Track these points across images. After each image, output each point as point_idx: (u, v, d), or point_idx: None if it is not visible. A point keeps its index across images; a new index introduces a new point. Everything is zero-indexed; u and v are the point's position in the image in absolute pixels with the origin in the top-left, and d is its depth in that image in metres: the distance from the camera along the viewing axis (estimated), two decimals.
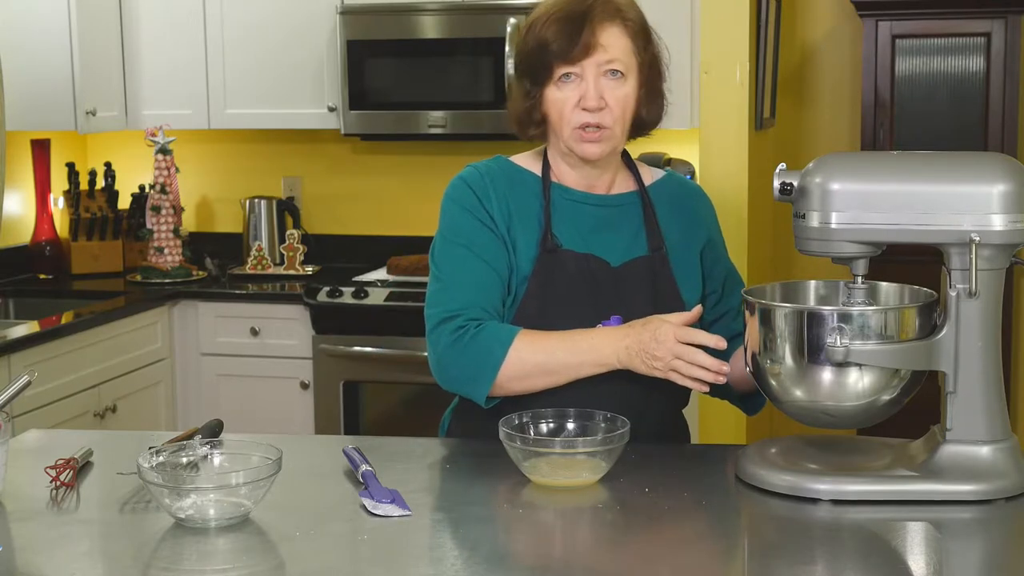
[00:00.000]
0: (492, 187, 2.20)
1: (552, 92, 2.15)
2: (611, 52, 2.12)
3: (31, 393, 3.09)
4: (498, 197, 2.20)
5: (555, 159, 2.24)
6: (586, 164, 2.20)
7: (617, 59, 2.13)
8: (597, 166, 2.22)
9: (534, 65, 2.15)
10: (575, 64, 2.12)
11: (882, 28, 4.14)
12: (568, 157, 2.21)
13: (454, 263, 2.17)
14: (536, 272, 2.17)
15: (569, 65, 2.12)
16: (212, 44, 4.44)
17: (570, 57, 2.11)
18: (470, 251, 2.16)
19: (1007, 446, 1.91)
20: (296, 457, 2.02)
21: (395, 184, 4.71)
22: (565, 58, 2.12)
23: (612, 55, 2.12)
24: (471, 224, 2.18)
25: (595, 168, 2.22)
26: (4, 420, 1.94)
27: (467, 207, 2.19)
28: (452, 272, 2.17)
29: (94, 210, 4.60)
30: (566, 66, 2.12)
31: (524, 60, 2.18)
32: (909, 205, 1.88)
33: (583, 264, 2.18)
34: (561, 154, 2.22)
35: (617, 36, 2.13)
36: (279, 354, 4.21)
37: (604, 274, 2.18)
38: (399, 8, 4.27)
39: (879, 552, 1.76)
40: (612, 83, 2.13)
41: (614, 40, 2.13)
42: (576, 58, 2.11)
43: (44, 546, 1.78)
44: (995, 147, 4.03)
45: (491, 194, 2.20)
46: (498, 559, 1.71)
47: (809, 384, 1.92)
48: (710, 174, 3.76)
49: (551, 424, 2.06)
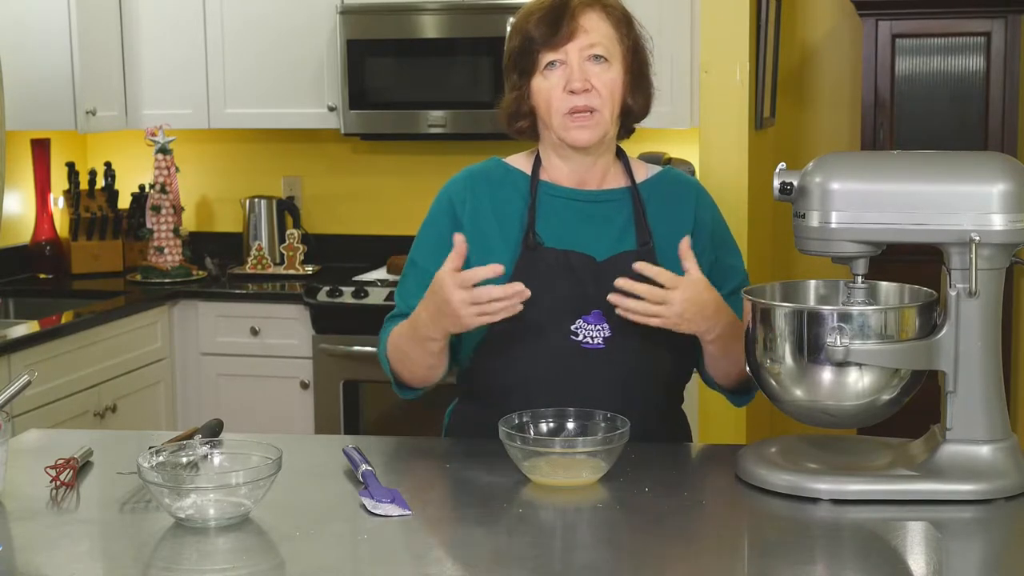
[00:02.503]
0: (471, 191, 2.25)
1: (539, 82, 2.17)
2: (592, 36, 2.15)
3: (31, 393, 3.09)
4: (475, 201, 2.24)
5: (547, 155, 2.26)
6: (577, 153, 2.21)
7: (599, 43, 2.15)
8: (589, 154, 2.21)
9: (520, 59, 2.19)
10: (558, 50, 2.15)
11: (882, 28, 4.14)
12: (560, 149, 2.22)
13: (405, 276, 2.30)
14: (516, 270, 2.18)
15: (552, 51, 2.15)
16: (212, 44, 4.44)
17: (553, 43, 2.14)
18: (415, 266, 2.27)
19: (1007, 446, 1.91)
20: (296, 457, 2.02)
21: (395, 184, 4.71)
22: (548, 44, 2.15)
23: (594, 39, 2.15)
24: (433, 235, 2.25)
25: (587, 157, 2.22)
26: (4, 420, 1.94)
27: (436, 218, 2.28)
28: (401, 285, 2.30)
29: (94, 210, 4.60)
30: (550, 53, 2.15)
31: (511, 57, 2.22)
32: (909, 205, 1.88)
33: (563, 261, 2.19)
34: (553, 147, 2.23)
35: (598, 21, 2.17)
36: (279, 354, 4.21)
37: (587, 269, 2.18)
38: (399, 8, 4.27)
39: (879, 552, 1.76)
40: (597, 68, 2.16)
41: (595, 25, 2.16)
42: (558, 43, 2.14)
43: (44, 546, 1.78)
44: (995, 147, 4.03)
45: (467, 198, 2.24)
46: (498, 559, 1.71)
47: (809, 384, 1.92)
48: (710, 174, 3.76)
49: (551, 424, 2.07)
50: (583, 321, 2.16)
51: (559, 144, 2.21)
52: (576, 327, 2.17)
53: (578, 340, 2.16)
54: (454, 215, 2.24)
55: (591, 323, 2.17)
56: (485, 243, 2.20)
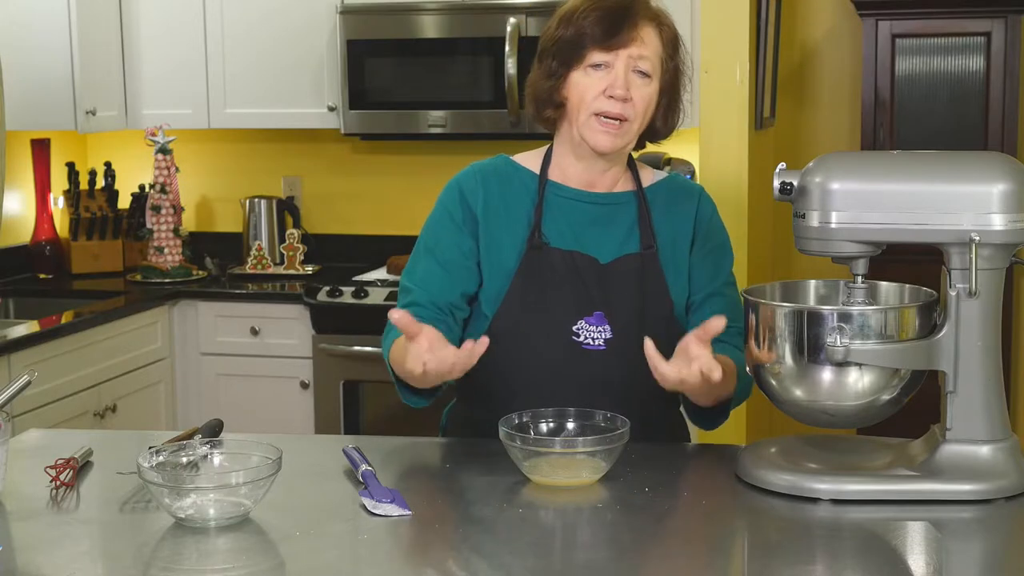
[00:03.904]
0: (482, 186, 2.23)
1: (579, 76, 2.15)
2: (645, 49, 2.14)
3: (31, 393, 3.09)
4: (487, 196, 2.23)
5: (560, 152, 2.25)
6: (594, 156, 2.20)
7: (648, 57, 2.15)
8: (605, 159, 2.21)
9: (566, 49, 2.15)
10: (611, 52, 2.13)
11: (882, 28, 4.14)
12: (578, 148, 2.20)
13: (415, 261, 2.26)
14: (520, 269, 2.18)
15: (604, 52, 2.13)
16: (212, 44, 4.44)
17: (608, 44, 2.12)
18: (431, 253, 2.23)
19: (1007, 446, 1.91)
20: (296, 457, 2.02)
21: (395, 184, 4.71)
22: (603, 44, 2.13)
23: (645, 52, 2.14)
24: (443, 228, 2.23)
25: (602, 162, 2.21)
26: (4, 420, 1.94)
27: (448, 209, 2.25)
28: (412, 270, 2.25)
29: (94, 210, 4.60)
30: (601, 53, 2.13)
31: (555, 44, 2.17)
32: (909, 205, 1.88)
33: (568, 261, 2.19)
34: (572, 144, 2.21)
35: (652, 36, 2.16)
36: (279, 354, 4.21)
37: (591, 271, 2.19)
38: (399, 8, 4.27)
39: (879, 552, 1.76)
40: (639, 81, 2.15)
41: (650, 39, 2.16)
42: (614, 46, 2.12)
43: (44, 546, 1.78)
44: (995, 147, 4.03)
45: (479, 192, 2.23)
46: (498, 559, 1.71)
47: (809, 384, 1.92)
48: (710, 174, 3.76)
49: (551, 424, 2.07)
50: (585, 322, 2.16)
51: (579, 143, 2.19)
52: (578, 328, 2.17)
53: (579, 341, 2.17)
54: (467, 205, 2.23)
55: (593, 324, 2.17)
56: (494, 239, 2.21)
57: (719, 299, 2.24)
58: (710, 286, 2.25)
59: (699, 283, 2.25)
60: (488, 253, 2.21)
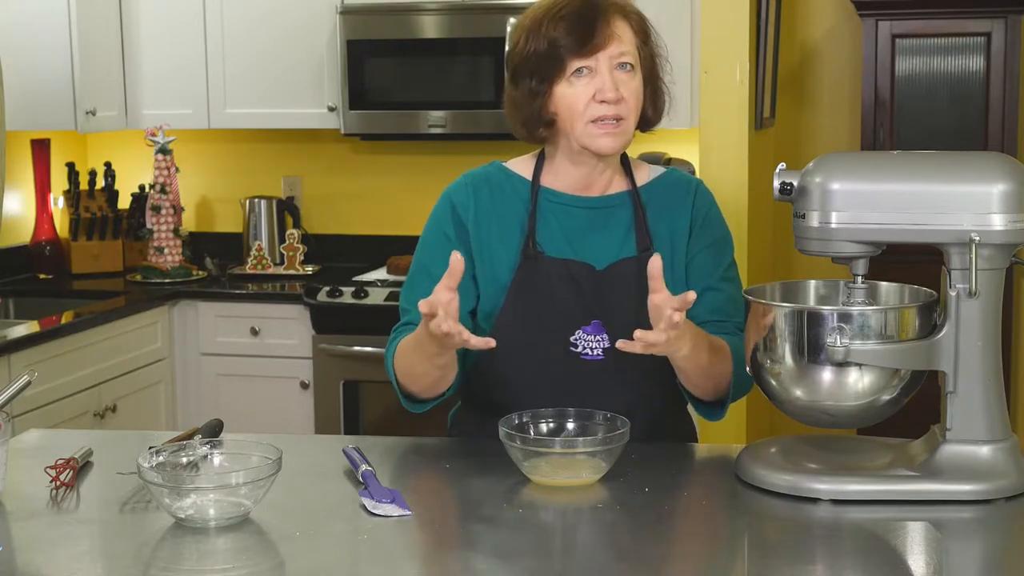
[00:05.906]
0: (474, 197, 2.21)
1: (563, 88, 2.11)
2: (623, 44, 2.11)
3: (31, 393, 3.09)
4: (478, 207, 2.20)
5: (555, 159, 2.22)
6: (595, 159, 2.17)
7: (627, 51, 2.12)
8: (602, 162, 2.19)
9: (543, 64, 2.11)
10: (590, 57, 2.09)
11: (882, 28, 4.14)
12: (577, 155, 2.17)
13: (412, 283, 2.23)
14: (515, 281, 2.16)
15: (583, 59, 2.09)
16: (212, 44, 4.44)
17: (586, 50, 2.09)
18: (427, 271, 2.19)
19: (1007, 446, 1.91)
20: (296, 457, 2.02)
21: (395, 184, 4.71)
22: (580, 51, 2.09)
23: (623, 47, 2.11)
24: (439, 247, 2.19)
25: (600, 164, 2.19)
26: (4, 420, 1.94)
27: (441, 227, 2.22)
28: (410, 292, 2.22)
29: (94, 210, 4.60)
30: (580, 60, 2.09)
31: (528, 60, 2.12)
32: (909, 205, 1.88)
33: (563, 271, 2.16)
34: (569, 153, 2.18)
35: (625, 29, 2.13)
36: (279, 354, 4.21)
37: (587, 279, 2.16)
38: (399, 8, 4.27)
39: (879, 552, 1.76)
40: (624, 76, 2.12)
41: (623, 32, 2.13)
42: (592, 50, 2.09)
43: (44, 546, 1.78)
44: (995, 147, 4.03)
45: (471, 203, 2.20)
46: (498, 559, 1.71)
47: (809, 384, 1.91)
48: (710, 174, 3.76)
49: (551, 424, 2.06)
50: (582, 332, 2.14)
51: (579, 151, 2.16)
52: (575, 338, 2.15)
53: (577, 352, 2.15)
54: (458, 219, 2.20)
55: (590, 334, 2.15)
56: (488, 250, 2.19)
57: (714, 294, 2.20)
58: (707, 280, 2.21)
59: (696, 277, 2.21)
60: (482, 265, 2.18)
